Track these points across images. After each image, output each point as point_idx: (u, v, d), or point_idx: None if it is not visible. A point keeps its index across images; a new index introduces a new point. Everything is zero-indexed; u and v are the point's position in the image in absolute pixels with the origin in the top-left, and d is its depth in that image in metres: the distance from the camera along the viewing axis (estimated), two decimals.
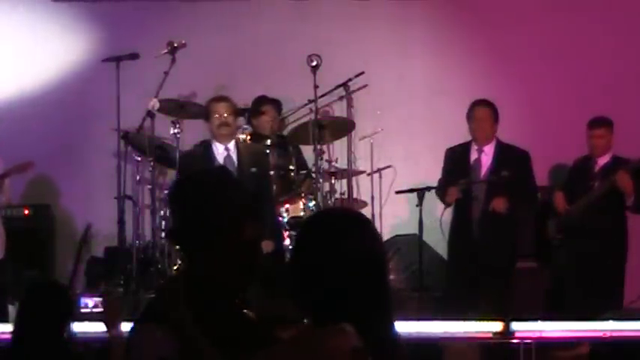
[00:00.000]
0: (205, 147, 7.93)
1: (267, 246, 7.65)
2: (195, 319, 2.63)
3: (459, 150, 8.20)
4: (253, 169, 7.83)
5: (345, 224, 2.55)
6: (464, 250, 8.04)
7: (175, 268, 7.82)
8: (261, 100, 8.90)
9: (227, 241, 2.72)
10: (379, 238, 2.62)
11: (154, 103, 7.89)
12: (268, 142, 8.40)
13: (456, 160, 8.18)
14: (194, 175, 2.96)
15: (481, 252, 7.89)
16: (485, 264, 7.87)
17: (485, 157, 8.10)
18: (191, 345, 2.60)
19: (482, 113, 8.07)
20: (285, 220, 8.18)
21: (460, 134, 8.23)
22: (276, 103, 9.01)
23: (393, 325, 2.53)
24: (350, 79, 8.70)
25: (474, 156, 8.13)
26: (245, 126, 8.44)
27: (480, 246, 7.92)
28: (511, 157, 8.06)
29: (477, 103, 8.13)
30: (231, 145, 7.90)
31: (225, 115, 7.82)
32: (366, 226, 2.58)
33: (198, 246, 2.75)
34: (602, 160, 8.29)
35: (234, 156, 7.87)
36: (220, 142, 7.87)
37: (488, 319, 6.91)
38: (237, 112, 8.05)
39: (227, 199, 2.75)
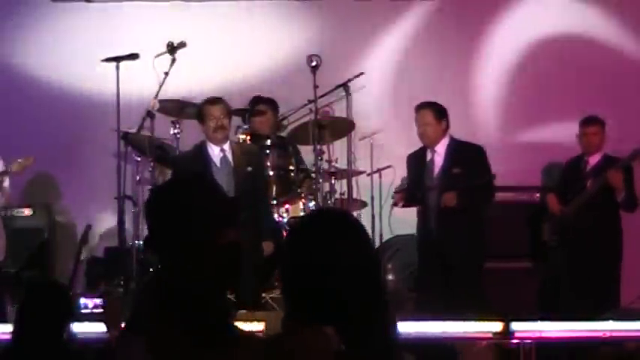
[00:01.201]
0: (200, 149, 7.88)
1: (267, 247, 7.65)
2: (171, 326, 2.62)
3: (419, 153, 8.18)
4: (249, 169, 7.82)
5: (335, 225, 2.54)
6: (426, 252, 8.06)
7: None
8: (257, 100, 8.90)
9: (203, 246, 2.71)
10: (369, 239, 2.61)
11: (154, 103, 7.88)
12: (268, 142, 8.40)
13: (414, 164, 8.19)
14: (171, 182, 2.95)
15: (442, 252, 7.89)
16: (448, 264, 7.87)
17: (437, 157, 8.07)
18: (165, 355, 2.59)
19: (421, 118, 8.04)
20: (285, 220, 8.19)
21: (459, 134, 8.22)
22: (273, 103, 9.00)
23: (389, 327, 2.51)
24: (350, 79, 8.70)
25: (428, 157, 8.12)
26: (245, 126, 8.44)
27: (440, 246, 7.90)
28: (464, 154, 8.03)
29: (416, 108, 8.10)
30: (226, 146, 7.85)
31: (221, 117, 7.78)
32: (355, 228, 2.57)
33: (174, 251, 2.73)
34: (594, 160, 8.37)
35: (229, 156, 7.83)
36: (215, 144, 7.83)
37: (487, 319, 6.92)
38: (232, 113, 8.03)
39: (204, 203, 2.75)
